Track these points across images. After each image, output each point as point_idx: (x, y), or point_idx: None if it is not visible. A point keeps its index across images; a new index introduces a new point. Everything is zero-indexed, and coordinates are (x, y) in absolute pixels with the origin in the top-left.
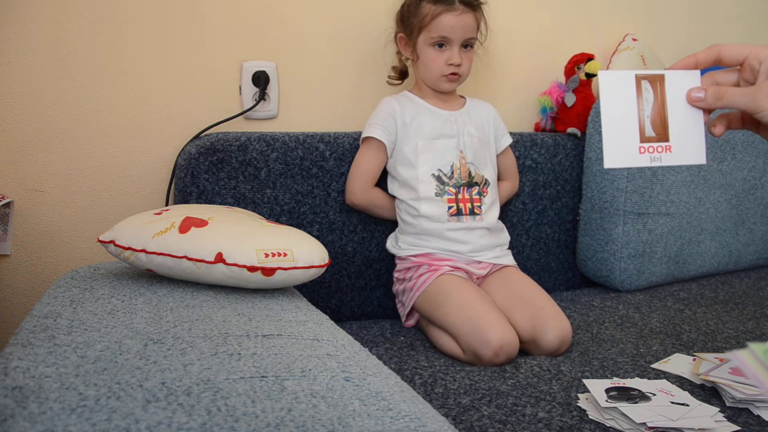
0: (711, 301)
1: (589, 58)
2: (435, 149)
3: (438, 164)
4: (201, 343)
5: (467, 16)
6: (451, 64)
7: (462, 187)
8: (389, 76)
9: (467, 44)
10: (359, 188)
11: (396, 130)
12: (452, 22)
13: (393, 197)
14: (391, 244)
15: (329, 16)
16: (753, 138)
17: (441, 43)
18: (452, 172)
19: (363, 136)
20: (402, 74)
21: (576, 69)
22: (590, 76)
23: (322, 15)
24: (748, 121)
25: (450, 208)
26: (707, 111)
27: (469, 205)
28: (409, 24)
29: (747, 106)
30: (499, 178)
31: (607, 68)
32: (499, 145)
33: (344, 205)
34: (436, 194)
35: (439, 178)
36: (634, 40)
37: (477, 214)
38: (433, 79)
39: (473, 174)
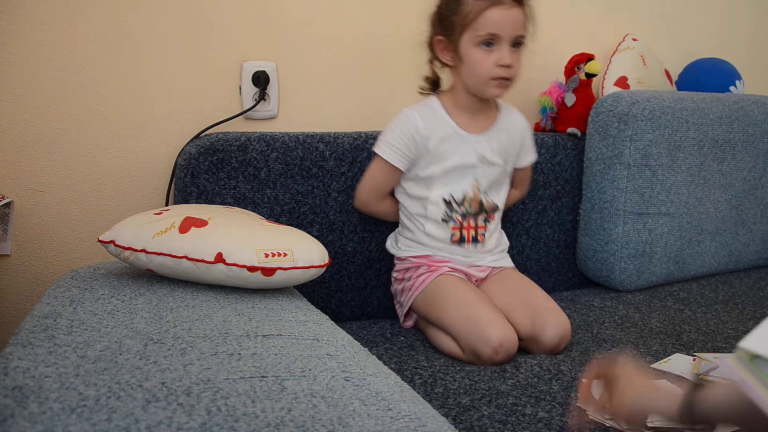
0: (711, 301)
1: (589, 58)
2: (452, 177)
3: (451, 189)
4: (201, 343)
5: (516, 10)
6: (501, 66)
7: (469, 216)
8: (420, 87)
9: (517, 43)
10: (370, 200)
11: (416, 154)
12: (501, 16)
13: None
14: (390, 244)
15: (329, 16)
16: (753, 138)
17: (489, 42)
18: (463, 200)
19: (379, 152)
20: (435, 84)
21: (576, 69)
22: (590, 76)
23: (322, 15)
24: None
25: (453, 235)
26: None
27: (473, 232)
28: (449, 23)
29: None
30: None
31: (607, 68)
32: (519, 161)
33: (344, 205)
34: (443, 219)
35: (449, 204)
36: (634, 40)
37: (479, 242)
38: (479, 83)
39: (484, 203)
